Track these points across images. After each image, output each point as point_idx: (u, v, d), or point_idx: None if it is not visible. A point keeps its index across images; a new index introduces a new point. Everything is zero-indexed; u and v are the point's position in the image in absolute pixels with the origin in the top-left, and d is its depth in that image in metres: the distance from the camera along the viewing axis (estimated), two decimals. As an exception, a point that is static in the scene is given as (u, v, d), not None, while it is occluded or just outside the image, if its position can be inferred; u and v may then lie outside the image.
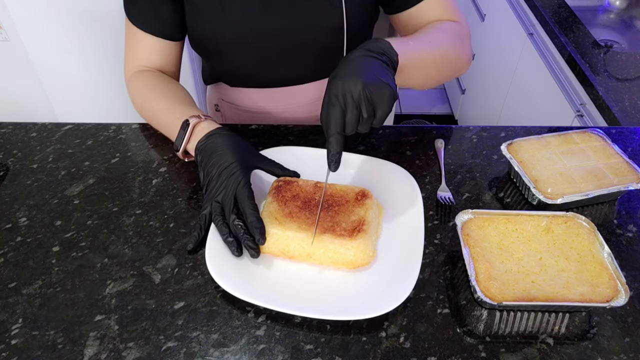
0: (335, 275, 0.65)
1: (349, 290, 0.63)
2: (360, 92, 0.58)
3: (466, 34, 0.84)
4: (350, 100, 0.59)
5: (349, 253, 0.64)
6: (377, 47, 0.64)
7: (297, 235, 0.65)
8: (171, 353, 0.57)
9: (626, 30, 1.65)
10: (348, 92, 0.58)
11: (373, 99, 0.59)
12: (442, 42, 0.78)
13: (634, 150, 0.85)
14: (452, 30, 0.81)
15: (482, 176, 0.80)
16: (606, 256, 0.63)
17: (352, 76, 0.59)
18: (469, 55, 0.84)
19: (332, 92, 0.59)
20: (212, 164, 0.69)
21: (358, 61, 0.61)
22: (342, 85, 0.59)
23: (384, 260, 0.66)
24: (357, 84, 0.58)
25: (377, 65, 0.62)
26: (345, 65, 0.61)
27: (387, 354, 0.57)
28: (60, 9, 1.38)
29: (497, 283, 0.60)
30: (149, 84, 0.84)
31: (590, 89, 1.23)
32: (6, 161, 0.83)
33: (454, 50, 0.80)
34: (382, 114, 0.61)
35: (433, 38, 0.77)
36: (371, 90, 0.58)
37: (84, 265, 0.67)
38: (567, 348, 0.58)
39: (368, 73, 0.59)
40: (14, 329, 0.60)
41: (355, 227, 0.65)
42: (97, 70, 1.52)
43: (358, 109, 0.59)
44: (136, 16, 0.82)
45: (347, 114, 0.59)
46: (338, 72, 0.60)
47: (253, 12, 0.81)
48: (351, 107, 0.59)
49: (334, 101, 0.59)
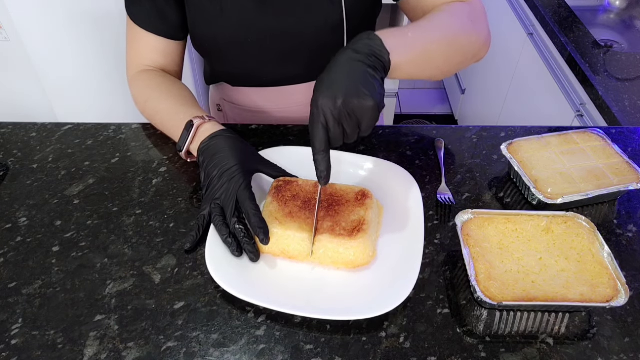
0: (335, 275, 0.65)
1: (349, 290, 0.63)
2: (341, 108, 0.56)
3: (479, 13, 0.77)
4: (331, 117, 0.57)
5: (349, 253, 0.64)
6: (365, 46, 0.60)
7: (297, 235, 0.65)
8: (171, 353, 0.57)
9: (626, 30, 1.65)
10: (328, 110, 0.56)
11: (355, 113, 0.57)
12: (449, 28, 0.72)
13: (634, 150, 0.85)
14: (461, 12, 0.74)
15: (482, 176, 0.80)
16: (606, 256, 0.63)
17: (332, 91, 0.56)
18: (485, 35, 0.77)
19: (313, 109, 0.58)
20: (213, 166, 0.69)
21: (341, 69, 0.58)
22: (321, 103, 0.57)
23: (384, 260, 0.66)
24: (336, 101, 0.56)
25: (361, 73, 0.58)
26: (327, 76, 0.58)
27: (387, 354, 0.57)
28: (61, 9, 1.38)
29: (497, 283, 0.60)
30: (152, 84, 0.84)
31: (590, 89, 1.23)
32: (6, 161, 0.83)
33: (465, 33, 0.73)
34: (366, 126, 0.59)
35: (438, 25, 0.72)
36: (352, 105, 0.56)
37: (84, 265, 0.67)
38: (567, 348, 0.58)
39: (349, 85, 0.57)
40: (14, 329, 0.60)
41: (355, 227, 0.65)
42: (97, 70, 1.51)
43: (340, 125, 0.58)
44: (138, 15, 0.82)
45: (330, 131, 0.58)
46: (319, 86, 0.58)
47: (252, 12, 0.80)
48: (333, 124, 0.57)
49: (316, 118, 0.57)
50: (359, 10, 0.83)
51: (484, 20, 0.78)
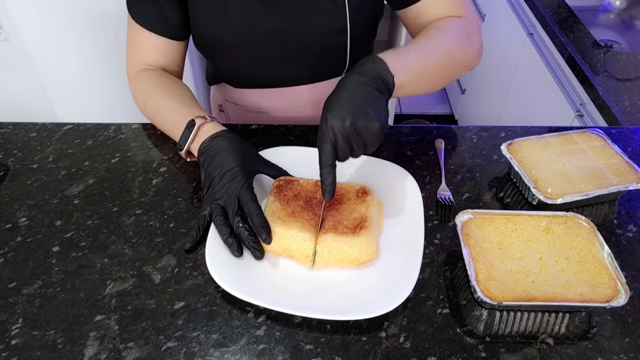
0: (335, 275, 0.65)
1: (349, 290, 0.63)
2: (349, 129, 0.60)
3: (473, 28, 0.81)
4: (340, 136, 0.61)
5: (353, 250, 0.64)
6: (372, 70, 0.64)
7: (299, 234, 0.65)
8: (171, 353, 0.57)
9: (626, 30, 1.65)
10: (337, 129, 0.60)
11: (362, 134, 0.61)
12: (446, 45, 0.76)
13: (634, 150, 0.85)
14: (457, 28, 0.79)
15: (482, 176, 0.80)
16: (606, 256, 0.63)
17: (341, 111, 0.60)
18: (477, 49, 0.81)
19: (323, 127, 0.61)
20: (214, 166, 0.69)
21: (350, 92, 0.62)
22: (331, 122, 0.60)
23: (384, 260, 0.66)
24: (345, 121, 0.60)
25: (368, 95, 0.62)
26: (336, 97, 0.62)
27: (387, 354, 0.57)
28: (61, 9, 1.38)
29: (497, 283, 0.60)
30: (153, 83, 0.84)
31: (590, 89, 1.23)
32: (6, 161, 0.83)
33: (460, 49, 0.78)
34: (371, 145, 0.63)
35: (436, 43, 0.76)
36: (359, 127, 0.60)
37: (84, 265, 0.67)
38: (567, 348, 0.58)
39: (357, 107, 0.60)
40: (14, 329, 0.60)
41: (357, 224, 0.65)
42: (97, 70, 1.51)
43: (348, 143, 0.62)
44: (139, 14, 0.82)
45: (338, 148, 0.62)
46: (329, 106, 0.62)
47: (256, 13, 0.80)
48: (341, 142, 0.61)
49: (325, 136, 0.61)
50: (363, 13, 0.83)
51: (478, 34, 0.82)
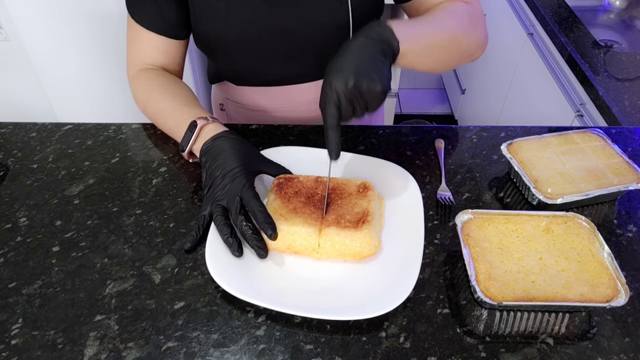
0: (334, 275, 0.65)
1: (349, 290, 0.63)
2: (352, 89, 0.60)
3: (478, 16, 0.80)
4: (343, 97, 0.61)
5: (356, 244, 0.64)
6: (377, 34, 0.64)
7: (303, 230, 0.65)
8: (171, 353, 0.57)
9: (626, 30, 1.65)
10: (340, 89, 0.61)
11: (364, 95, 0.61)
12: (451, 26, 0.75)
13: (634, 150, 0.85)
14: (462, 12, 0.77)
15: (482, 176, 0.80)
16: (606, 256, 0.63)
17: (344, 72, 0.60)
18: (482, 38, 0.81)
19: (327, 88, 0.62)
20: (216, 166, 0.69)
21: (354, 52, 0.62)
22: (334, 83, 0.61)
23: (384, 260, 0.66)
24: (348, 82, 0.60)
25: (372, 58, 0.62)
26: (340, 59, 0.62)
27: (387, 354, 0.57)
28: (61, 9, 1.38)
29: (497, 283, 0.60)
30: (154, 82, 0.84)
31: (590, 89, 1.23)
32: (6, 161, 0.83)
33: (465, 34, 0.77)
34: (373, 107, 0.63)
35: (441, 21, 0.75)
36: (362, 87, 0.60)
37: (84, 265, 0.67)
38: (567, 348, 0.58)
39: (361, 68, 0.61)
40: (14, 329, 0.60)
41: (359, 219, 0.66)
42: (97, 70, 1.51)
43: (351, 104, 0.62)
44: (139, 14, 0.82)
45: (342, 108, 0.62)
46: (333, 65, 0.62)
47: (258, 9, 0.80)
48: (345, 103, 0.62)
49: (329, 97, 0.61)
50: (365, 9, 0.83)
51: (483, 23, 0.82)
